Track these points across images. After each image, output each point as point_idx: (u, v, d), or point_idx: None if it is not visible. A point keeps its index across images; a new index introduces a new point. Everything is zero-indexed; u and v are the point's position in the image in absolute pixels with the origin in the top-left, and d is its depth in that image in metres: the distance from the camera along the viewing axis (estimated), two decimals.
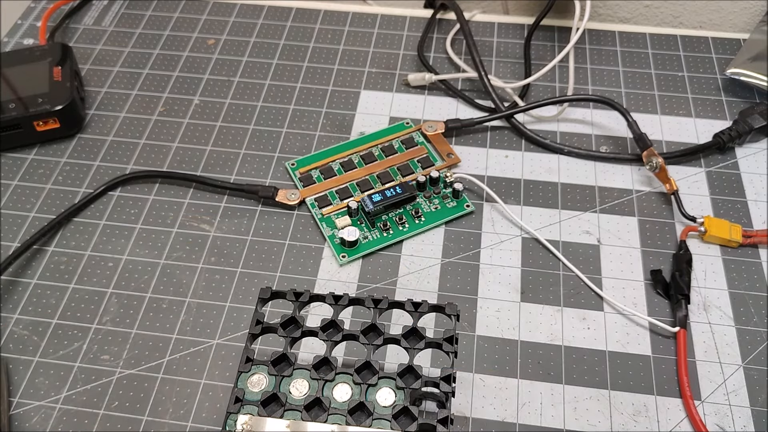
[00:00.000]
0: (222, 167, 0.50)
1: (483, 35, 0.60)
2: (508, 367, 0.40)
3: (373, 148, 0.50)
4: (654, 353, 0.40)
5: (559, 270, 0.44)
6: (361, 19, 0.61)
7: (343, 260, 0.45)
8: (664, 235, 0.46)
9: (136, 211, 0.48)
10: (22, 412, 0.39)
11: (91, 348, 0.41)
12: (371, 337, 0.34)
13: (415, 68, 0.57)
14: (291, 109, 0.54)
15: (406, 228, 0.46)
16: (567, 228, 0.46)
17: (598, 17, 0.63)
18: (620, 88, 0.55)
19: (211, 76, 0.57)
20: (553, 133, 0.52)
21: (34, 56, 0.54)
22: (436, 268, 0.44)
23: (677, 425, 0.38)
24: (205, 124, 0.53)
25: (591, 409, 0.38)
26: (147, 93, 0.55)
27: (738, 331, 0.41)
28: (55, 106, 0.50)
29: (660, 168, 0.47)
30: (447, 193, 0.48)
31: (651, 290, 0.43)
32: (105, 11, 0.62)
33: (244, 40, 0.59)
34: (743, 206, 0.47)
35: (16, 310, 0.43)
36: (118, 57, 0.58)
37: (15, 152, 0.51)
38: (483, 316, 0.42)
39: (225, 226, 0.47)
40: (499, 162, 0.50)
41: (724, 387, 0.39)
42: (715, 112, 0.53)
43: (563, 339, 0.41)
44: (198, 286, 0.44)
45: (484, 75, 0.53)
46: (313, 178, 0.49)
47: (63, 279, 0.44)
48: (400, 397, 0.32)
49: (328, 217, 0.47)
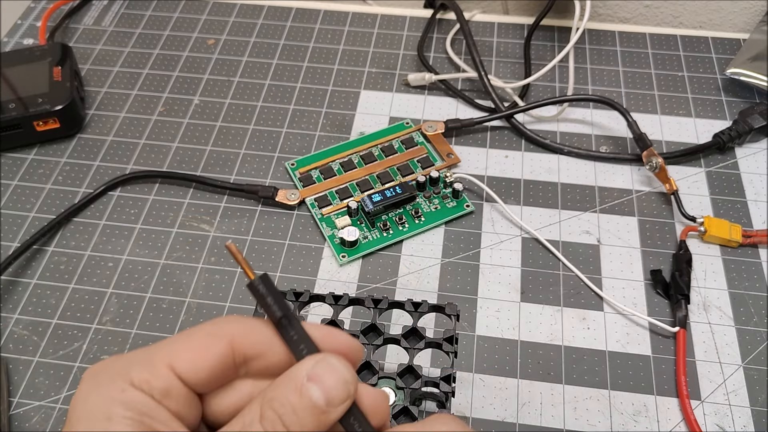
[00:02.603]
0: (222, 167, 0.50)
1: (483, 35, 0.60)
2: (508, 367, 0.40)
3: (373, 148, 0.50)
4: (654, 353, 0.40)
5: (559, 270, 0.44)
6: (361, 19, 0.61)
7: (343, 260, 0.45)
8: (664, 235, 0.46)
9: (136, 211, 0.48)
10: (22, 412, 0.39)
11: (91, 348, 0.41)
12: (371, 337, 0.34)
13: (415, 68, 0.57)
14: (291, 109, 0.54)
15: (406, 228, 0.46)
16: (567, 228, 0.46)
17: (598, 17, 0.63)
18: (620, 88, 0.55)
19: (211, 76, 0.57)
20: (553, 133, 0.52)
21: (34, 56, 0.54)
22: (436, 268, 0.44)
23: (677, 425, 0.38)
24: (205, 124, 0.53)
25: (591, 409, 0.38)
26: (147, 93, 0.55)
27: (738, 331, 0.41)
28: (55, 106, 0.50)
29: (660, 168, 0.47)
30: (447, 193, 0.48)
31: (651, 290, 0.43)
32: (105, 11, 0.62)
33: (244, 40, 0.59)
34: (743, 206, 0.47)
35: (16, 310, 0.43)
36: (118, 57, 0.58)
37: (15, 152, 0.51)
38: (483, 316, 0.42)
39: (225, 226, 0.47)
40: (499, 162, 0.50)
41: (724, 387, 0.39)
42: (715, 112, 0.53)
43: (563, 339, 0.41)
44: (198, 286, 0.44)
45: (484, 75, 0.53)
46: (313, 178, 0.49)
47: (63, 279, 0.44)
48: (400, 397, 0.32)
49: (328, 217, 0.47)
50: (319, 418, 0.21)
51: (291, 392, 0.21)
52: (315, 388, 0.21)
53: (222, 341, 0.22)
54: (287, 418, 0.21)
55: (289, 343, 0.22)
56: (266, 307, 0.22)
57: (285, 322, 0.22)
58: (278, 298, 0.22)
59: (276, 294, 0.22)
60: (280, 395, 0.21)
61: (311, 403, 0.21)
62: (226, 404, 0.23)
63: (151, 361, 0.22)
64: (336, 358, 0.22)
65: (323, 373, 0.21)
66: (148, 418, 0.21)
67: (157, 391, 0.21)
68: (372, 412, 0.22)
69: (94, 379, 0.22)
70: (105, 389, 0.21)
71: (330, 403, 0.21)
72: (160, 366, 0.21)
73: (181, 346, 0.22)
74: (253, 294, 0.22)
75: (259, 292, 0.22)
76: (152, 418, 0.21)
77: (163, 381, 0.21)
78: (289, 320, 0.22)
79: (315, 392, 0.21)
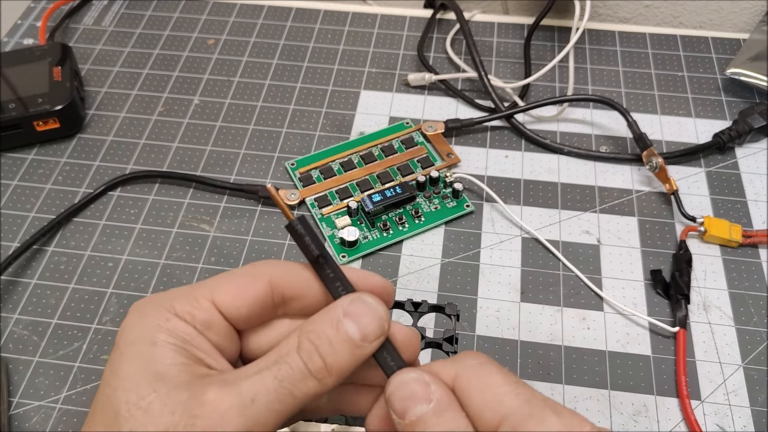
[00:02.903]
0: (222, 167, 0.50)
1: (483, 35, 0.60)
2: (508, 367, 0.40)
3: (373, 148, 0.50)
4: (654, 353, 0.40)
5: (559, 270, 0.44)
6: (361, 19, 0.61)
7: (343, 260, 0.45)
8: (664, 235, 0.46)
9: (136, 211, 0.48)
10: (22, 412, 0.39)
11: (91, 348, 0.41)
12: None
13: (415, 68, 0.57)
14: (291, 109, 0.54)
15: (406, 228, 0.46)
16: (567, 228, 0.46)
17: (598, 17, 0.63)
18: (620, 88, 0.55)
19: (211, 76, 0.57)
20: (553, 133, 0.52)
21: (34, 56, 0.54)
22: (436, 268, 0.44)
23: (677, 425, 0.38)
24: (205, 124, 0.53)
25: (591, 409, 0.38)
26: (147, 93, 0.55)
27: (738, 331, 0.41)
28: (55, 106, 0.50)
29: (660, 168, 0.47)
30: (447, 193, 0.48)
31: (651, 290, 0.43)
32: (105, 11, 0.62)
33: (244, 40, 0.59)
34: (743, 206, 0.47)
35: (16, 310, 0.43)
36: (118, 57, 0.58)
37: (15, 152, 0.51)
38: (483, 316, 0.42)
39: (225, 226, 0.47)
40: (499, 162, 0.50)
41: (724, 387, 0.39)
42: (715, 112, 0.53)
43: (563, 339, 0.41)
44: None
45: (484, 75, 0.53)
46: (313, 178, 0.49)
47: (63, 279, 0.44)
48: None
49: (328, 217, 0.47)
50: (354, 351, 0.22)
51: (328, 326, 0.22)
52: (351, 323, 0.22)
53: (261, 281, 0.23)
54: (323, 349, 0.22)
55: (325, 281, 0.23)
56: (304, 246, 0.23)
57: (322, 261, 0.23)
58: (315, 238, 0.23)
59: (313, 235, 0.23)
60: (318, 328, 0.22)
61: (347, 336, 0.22)
62: (265, 341, 0.24)
63: (194, 295, 0.23)
64: (371, 297, 0.23)
65: (359, 309, 0.22)
66: (191, 345, 0.22)
67: (199, 322, 0.22)
68: (404, 347, 0.24)
69: (141, 309, 0.23)
70: (151, 317, 0.22)
71: (365, 338, 0.22)
72: (202, 300, 0.23)
73: (223, 282, 0.24)
74: (292, 234, 0.23)
75: (297, 232, 0.23)
76: (194, 346, 0.22)
77: (205, 313, 0.23)
78: (326, 259, 0.23)
79: (351, 327, 0.22)
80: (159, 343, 0.22)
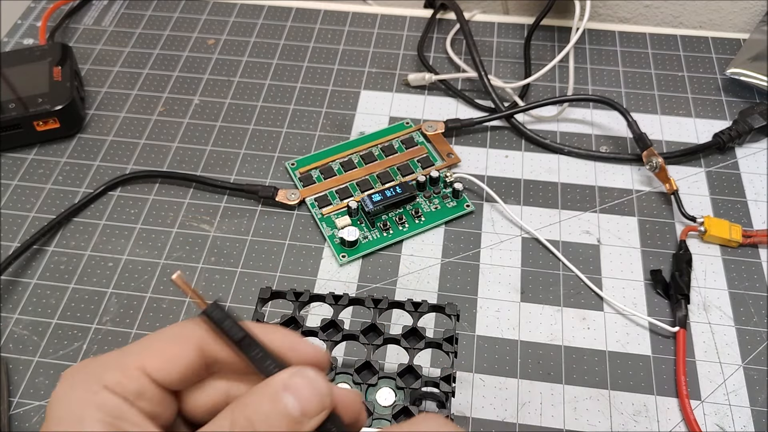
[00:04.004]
0: (222, 167, 0.50)
1: (483, 35, 0.60)
2: (508, 367, 0.40)
3: (373, 148, 0.50)
4: (654, 353, 0.40)
5: (559, 270, 0.44)
6: (361, 19, 0.61)
7: (343, 260, 0.45)
8: (664, 235, 0.46)
9: (136, 211, 0.48)
10: (22, 412, 0.39)
11: (91, 348, 0.41)
12: (371, 337, 0.34)
13: (415, 68, 0.57)
14: (291, 109, 0.54)
15: (406, 228, 0.46)
16: (567, 228, 0.46)
17: (598, 17, 0.63)
18: (620, 88, 0.55)
19: (211, 76, 0.57)
20: (553, 133, 0.52)
21: (34, 56, 0.54)
22: (436, 268, 0.44)
23: (677, 425, 0.38)
24: (205, 124, 0.53)
25: (591, 409, 0.38)
26: (147, 93, 0.55)
27: (738, 331, 0.41)
28: (55, 106, 0.50)
29: (660, 168, 0.47)
30: (447, 193, 0.48)
31: (651, 290, 0.43)
32: (105, 11, 0.62)
33: (244, 40, 0.59)
34: (743, 206, 0.47)
35: (16, 310, 0.43)
36: (118, 57, 0.58)
37: (15, 152, 0.51)
38: (483, 316, 0.42)
39: (225, 226, 0.47)
40: (499, 162, 0.50)
41: (724, 387, 0.39)
42: (715, 112, 0.53)
43: (563, 339, 0.41)
44: (198, 286, 0.44)
45: (484, 75, 0.53)
46: (313, 178, 0.49)
47: (63, 279, 0.44)
48: (400, 397, 0.32)
49: (328, 217, 0.47)
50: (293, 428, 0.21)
51: (266, 400, 0.21)
52: (291, 397, 0.21)
53: (189, 345, 0.22)
54: (260, 426, 0.21)
55: (254, 362, 0.22)
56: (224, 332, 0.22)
57: (247, 342, 0.22)
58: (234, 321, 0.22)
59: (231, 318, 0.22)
60: (255, 401, 0.21)
61: (286, 411, 0.21)
62: (203, 401, 0.23)
63: (124, 364, 0.22)
64: (312, 371, 0.22)
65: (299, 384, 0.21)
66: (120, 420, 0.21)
67: (129, 393, 0.21)
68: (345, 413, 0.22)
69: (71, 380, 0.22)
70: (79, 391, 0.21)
71: (305, 413, 0.21)
72: (132, 369, 0.22)
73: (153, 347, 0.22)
74: (209, 321, 0.22)
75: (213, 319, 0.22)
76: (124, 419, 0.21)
77: (135, 383, 0.22)
78: (251, 340, 0.22)
79: (290, 401, 0.21)
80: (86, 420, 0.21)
